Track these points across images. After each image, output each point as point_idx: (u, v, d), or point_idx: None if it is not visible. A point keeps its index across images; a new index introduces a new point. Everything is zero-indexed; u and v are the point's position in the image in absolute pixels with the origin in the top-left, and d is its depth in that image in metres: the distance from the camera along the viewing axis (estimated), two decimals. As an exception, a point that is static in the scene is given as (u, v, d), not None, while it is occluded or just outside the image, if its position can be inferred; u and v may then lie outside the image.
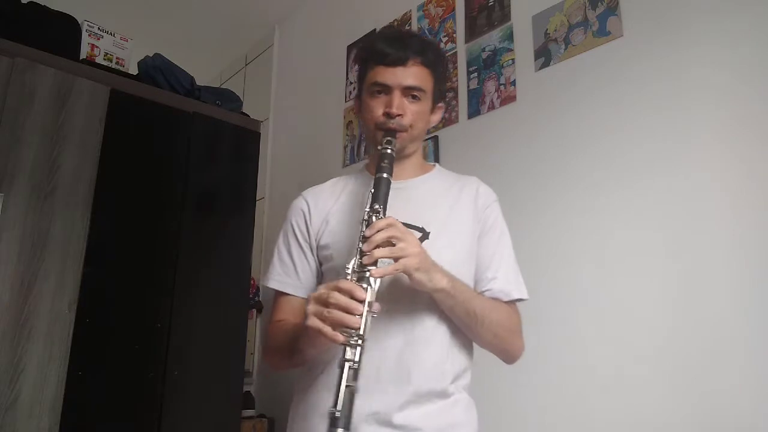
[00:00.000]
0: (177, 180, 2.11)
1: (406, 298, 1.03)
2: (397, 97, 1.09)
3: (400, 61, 1.10)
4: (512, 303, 1.14)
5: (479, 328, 1.06)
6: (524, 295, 1.14)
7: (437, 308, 1.06)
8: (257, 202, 2.36)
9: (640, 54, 1.61)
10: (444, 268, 1.00)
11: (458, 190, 1.19)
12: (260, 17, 3.34)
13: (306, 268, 1.18)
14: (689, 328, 1.39)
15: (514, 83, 1.93)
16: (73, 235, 1.83)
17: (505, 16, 2.02)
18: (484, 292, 1.11)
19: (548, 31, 1.86)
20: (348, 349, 0.86)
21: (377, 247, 0.92)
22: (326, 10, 3.04)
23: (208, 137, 2.24)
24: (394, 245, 0.93)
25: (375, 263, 0.91)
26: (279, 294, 1.19)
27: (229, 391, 2.10)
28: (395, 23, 2.43)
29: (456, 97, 2.12)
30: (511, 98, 1.93)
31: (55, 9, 2.10)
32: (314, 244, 1.17)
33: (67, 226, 1.82)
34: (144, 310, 1.95)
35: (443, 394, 1.05)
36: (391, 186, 1.01)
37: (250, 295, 2.61)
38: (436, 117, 1.20)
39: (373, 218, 0.96)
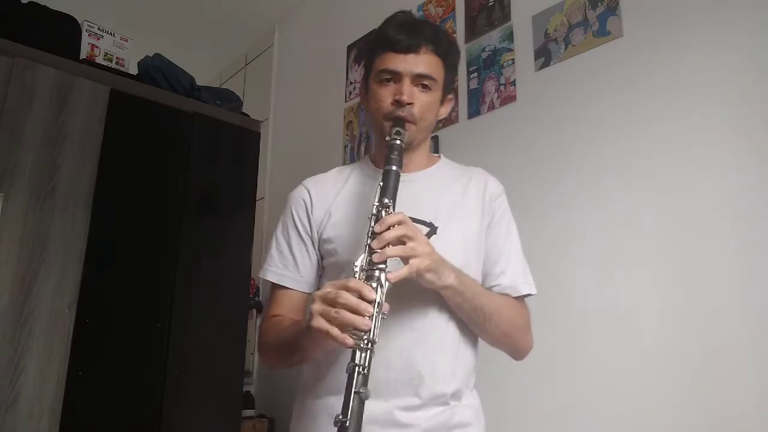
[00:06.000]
0: (177, 180, 2.11)
1: (412, 295, 0.99)
2: (407, 85, 1.04)
3: (412, 48, 1.05)
4: (521, 298, 1.10)
5: (487, 324, 1.03)
6: (533, 291, 1.11)
7: (445, 305, 1.02)
8: (257, 202, 2.36)
9: (640, 54, 1.61)
10: (451, 264, 0.97)
11: (465, 182, 1.15)
12: (260, 17, 3.34)
13: (306, 262, 1.12)
14: (691, 326, 1.39)
15: (514, 83, 1.93)
16: (73, 235, 1.83)
17: (505, 16, 2.02)
18: (492, 287, 1.08)
19: (548, 31, 1.86)
20: (357, 352, 0.81)
21: (387, 245, 0.88)
22: (326, 10, 3.04)
23: (208, 137, 2.24)
24: (404, 243, 0.89)
25: (385, 262, 0.87)
26: (277, 287, 1.13)
27: (229, 391, 2.10)
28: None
29: (456, 97, 2.12)
30: (511, 98, 1.93)
31: (55, 9, 2.10)
32: (316, 237, 1.12)
33: (67, 226, 1.82)
34: (144, 310, 1.95)
35: (454, 396, 1.02)
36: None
37: (250, 295, 2.61)
38: (445, 109, 1.15)
39: (383, 213, 0.91)
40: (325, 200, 1.13)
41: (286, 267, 1.13)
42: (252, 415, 2.58)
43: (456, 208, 1.09)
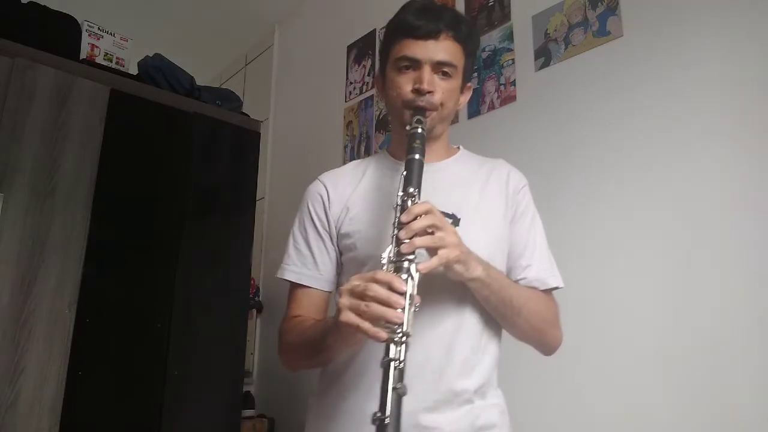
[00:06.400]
0: (177, 180, 2.11)
1: (436, 288, 0.96)
2: (427, 72, 1.01)
3: (432, 35, 1.01)
4: (548, 292, 1.08)
5: (516, 318, 1.00)
6: (560, 284, 1.08)
7: (468, 297, 0.99)
8: (257, 202, 2.36)
9: (640, 54, 1.61)
10: (478, 256, 0.94)
11: (486, 173, 1.12)
12: (260, 17, 3.34)
13: (325, 259, 1.09)
14: (690, 326, 1.39)
15: (514, 83, 1.93)
16: (73, 235, 1.83)
17: (505, 16, 2.02)
18: (519, 280, 1.05)
19: (548, 31, 1.86)
20: (392, 346, 0.77)
21: (415, 235, 0.84)
22: (326, 10, 3.04)
23: (208, 137, 2.24)
24: (432, 233, 0.86)
25: (414, 252, 0.83)
26: (296, 286, 1.10)
27: (229, 391, 2.10)
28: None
29: (456, 97, 2.12)
30: (511, 98, 1.93)
31: (55, 9, 2.10)
32: (334, 233, 1.09)
33: (67, 226, 1.82)
34: (144, 310, 1.95)
35: (479, 394, 0.99)
36: None
37: (250, 295, 2.61)
38: (465, 98, 1.12)
39: (408, 203, 0.88)
40: (343, 195, 1.11)
41: (304, 265, 1.10)
42: (252, 415, 2.58)
43: (479, 200, 1.07)
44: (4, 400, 1.61)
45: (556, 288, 1.09)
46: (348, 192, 1.11)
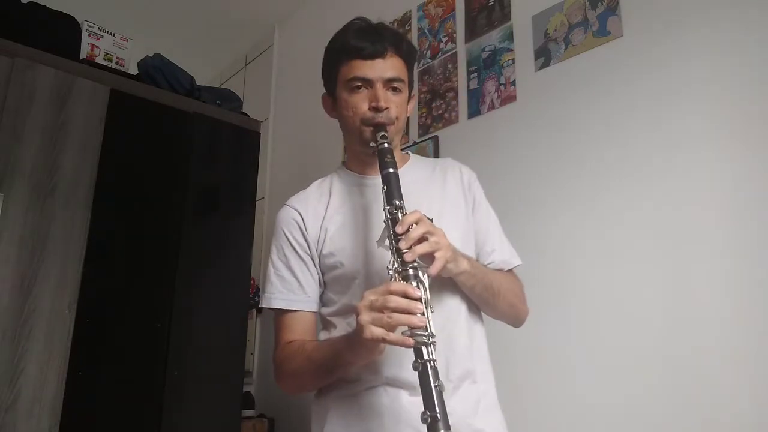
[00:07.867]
0: (177, 180, 2.11)
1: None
2: (380, 90, 1.07)
3: (379, 54, 1.08)
4: (511, 270, 1.18)
5: (497, 300, 1.08)
6: (520, 261, 1.19)
7: (457, 290, 1.06)
8: (257, 202, 2.36)
9: (640, 54, 1.61)
10: (460, 250, 1.01)
11: (441, 173, 1.19)
12: (260, 17, 3.34)
13: (309, 280, 1.12)
14: (687, 325, 1.39)
15: (514, 83, 1.93)
16: (73, 235, 1.83)
17: (505, 16, 2.02)
18: (487, 265, 1.13)
19: (548, 31, 1.86)
20: (423, 349, 0.83)
21: (414, 243, 0.90)
22: (326, 10, 3.04)
23: (208, 137, 2.24)
24: (427, 239, 0.92)
25: (415, 260, 0.89)
26: (284, 312, 1.12)
27: (229, 391, 2.10)
28: (395, 23, 2.43)
29: (456, 97, 2.12)
30: (511, 98, 1.93)
31: (55, 9, 2.10)
32: (315, 254, 1.12)
33: (67, 226, 1.82)
34: (144, 310, 1.95)
35: (478, 374, 1.06)
36: (377, 180, 1.02)
37: (250, 295, 2.61)
38: (411, 106, 1.20)
39: (399, 215, 0.94)
40: (317, 216, 1.14)
41: (291, 291, 1.12)
42: (252, 415, 2.58)
43: (443, 199, 1.14)
44: (4, 400, 1.61)
45: (518, 266, 1.19)
46: (321, 213, 1.15)
